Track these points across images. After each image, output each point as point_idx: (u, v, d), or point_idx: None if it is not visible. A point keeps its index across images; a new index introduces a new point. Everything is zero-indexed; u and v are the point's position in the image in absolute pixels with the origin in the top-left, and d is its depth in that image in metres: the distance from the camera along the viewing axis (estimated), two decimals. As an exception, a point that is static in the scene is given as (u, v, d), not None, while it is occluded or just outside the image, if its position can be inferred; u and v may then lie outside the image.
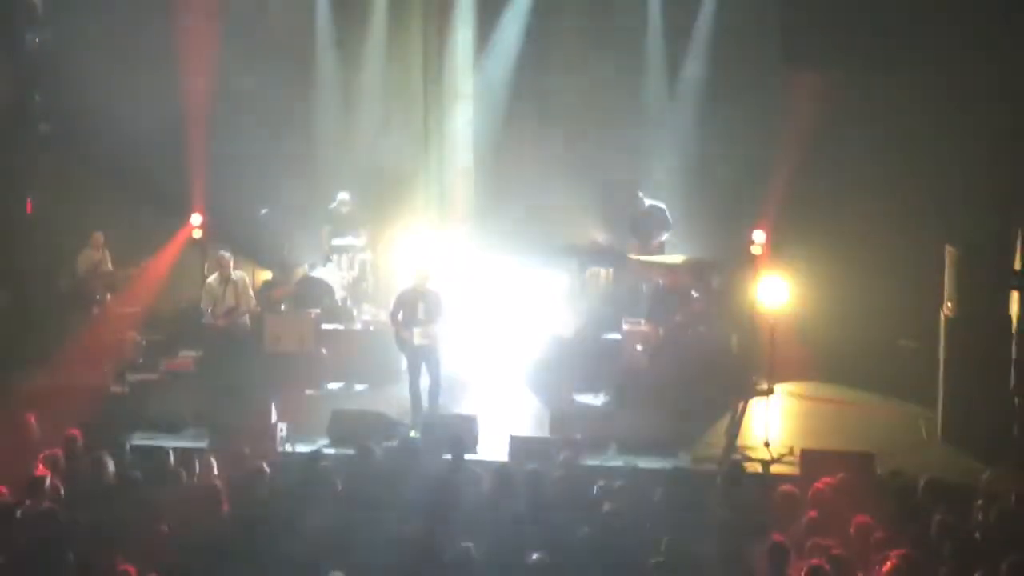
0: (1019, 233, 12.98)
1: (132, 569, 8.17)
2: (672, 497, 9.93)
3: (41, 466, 10.00)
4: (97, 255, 16.16)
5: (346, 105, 17.94)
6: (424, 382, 13.73)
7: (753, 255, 15.11)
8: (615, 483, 10.32)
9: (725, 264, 15.56)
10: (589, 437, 12.56)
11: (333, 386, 15.12)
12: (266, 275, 17.02)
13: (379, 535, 8.83)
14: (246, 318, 14.28)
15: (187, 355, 15.36)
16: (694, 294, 14.38)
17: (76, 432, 11.09)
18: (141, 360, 15.48)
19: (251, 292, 14.46)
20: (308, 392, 14.82)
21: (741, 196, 16.16)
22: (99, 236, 16.15)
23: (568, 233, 16.51)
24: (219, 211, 15.79)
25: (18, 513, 9.21)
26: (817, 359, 14.96)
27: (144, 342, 15.77)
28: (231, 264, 14.32)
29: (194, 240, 15.23)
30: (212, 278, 14.26)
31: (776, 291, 13.36)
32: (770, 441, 12.98)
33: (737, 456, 12.55)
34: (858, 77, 15.55)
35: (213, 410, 13.43)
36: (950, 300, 13.11)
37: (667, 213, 16.23)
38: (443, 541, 8.76)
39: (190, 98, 17.35)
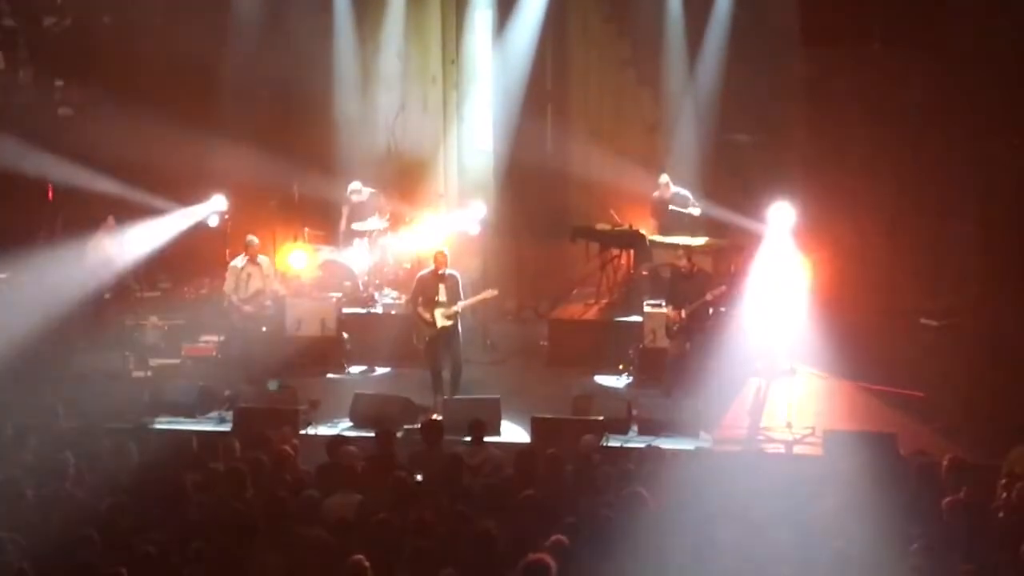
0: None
1: None
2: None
3: None
4: (110, 239, 16.13)
5: (365, 87, 17.92)
6: (445, 365, 13.71)
7: (774, 234, 15.00)
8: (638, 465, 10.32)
9: (746, 246, 15.52)
10: (610, 419, 12.55)
11: (355, 369, 15.16)
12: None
13: (401, 517, 8.85)
14: (270, 302, 14.29)
15: (209, 340, 15.40)
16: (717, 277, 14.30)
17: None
18: (163, 345, 15.54)
19: (275, 276, 14.48)
20: (330, 376, 14.89)
21: (763, 174, 16.06)
22: (112, 220, 16.11)
23: (588, 214, 16.47)
24: (239, 195, 15.80)
25: None
26: (840, 338, 14.88)
27: (166, 327, 15.81)
28: (257, 248, 14.36)
29: (215, 225, 15.21)
30: (236, 261, 14.28)
31: (798, 270, 13.29)
32: (793, 422, 12.92)
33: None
34: (878, 52, 15.43)
35: (235, 394, 13.49)
36: (975, 279, 13.02)
37: (691, 196, 16.18)
38: (465, 522, 8.77)
39: (209, 82, 17.38)
